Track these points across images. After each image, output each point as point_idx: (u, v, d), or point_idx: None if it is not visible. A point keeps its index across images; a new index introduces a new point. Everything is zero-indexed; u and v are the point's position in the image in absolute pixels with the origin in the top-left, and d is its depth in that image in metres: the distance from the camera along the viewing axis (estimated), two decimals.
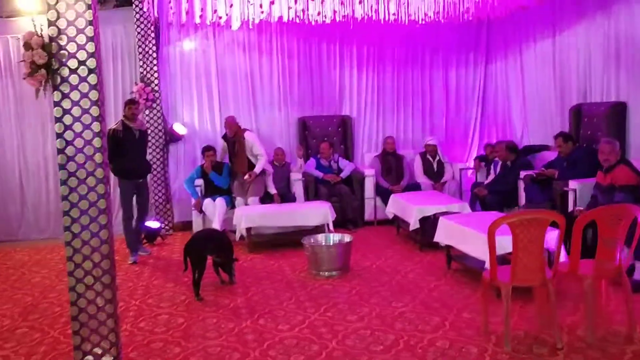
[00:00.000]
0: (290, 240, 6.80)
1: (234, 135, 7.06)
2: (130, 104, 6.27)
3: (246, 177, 6.90)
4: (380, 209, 7.87)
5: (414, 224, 6.21)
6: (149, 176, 6.86)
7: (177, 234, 7.77)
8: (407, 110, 8.65)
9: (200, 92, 8.09)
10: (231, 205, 7.33)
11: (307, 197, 7.74)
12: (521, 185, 6.59)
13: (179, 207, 8.00)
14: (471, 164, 8.45)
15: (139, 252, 6.56)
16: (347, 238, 5.76)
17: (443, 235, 5.40)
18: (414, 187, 7.98)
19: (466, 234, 4.89)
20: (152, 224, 7.30)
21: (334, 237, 5.85)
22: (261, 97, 8.30)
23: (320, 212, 6.64)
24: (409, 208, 6.41)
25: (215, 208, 6.95)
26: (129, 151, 6.16)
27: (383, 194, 7.89)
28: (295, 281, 5.38)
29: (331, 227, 6.67)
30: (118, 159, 6.13)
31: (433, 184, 7.98)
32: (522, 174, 6.59)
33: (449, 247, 5.48)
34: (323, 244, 5.72)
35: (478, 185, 7.66)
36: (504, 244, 4.31)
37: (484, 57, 8.64)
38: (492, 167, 7.46)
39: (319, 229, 6.70)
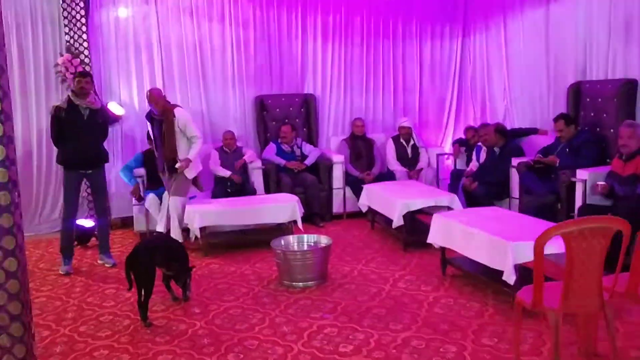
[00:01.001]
0: (251, 240, 5.92)
1: (161, 113, 5.57)
2: (80, 76, 5.22)
3: (179, 165, 5.53)
4: (349, 201, 7.08)
5: (397, 221, 5.44)
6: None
7: (115, 233, 6.70)
8: (377, 88, 7.84)
9: (139, 66, 7.00)
10: None
11: (268, 188, 6.84)
12: (514, 174, 5.92)
13: (116, 200, 6.94)
14: (448, 148, 7.77)
15: (105, 260, 5.51)
16: (324, 240, 4.94)
17: (439, 236, 4.65)
18: (387, 175, 7.22)
19: (473, 236, 4.14)
20: (85, 222, 6.23)
21: (309, 240, 5.01)
22: (212, 72, 7.29)
23: (287, 208, 5.77)
24: (391, 202, 5.63)
25: (160, 205, 5.95)
26: (76, 135, 5.12)
27: (353, 183, 7.10)
28: (264, 295, 4.51)
29: (300, 225, 5.82)
30: (62, 143, 5.16)
31: (408, 172, 7.24)
32: (515, 161, 5.92)
33: (444, 250, 4.74)
34: (296, 249, 4.86)
35: (458, 173, 6.99)
36: (523, 251, 3.62)
37: (460, 29, 7.91)
38: (474, 152, 6.78)
39: (282, 226, 5.87)
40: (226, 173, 6.66)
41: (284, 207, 5.78)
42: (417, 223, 5.86)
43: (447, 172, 7.48)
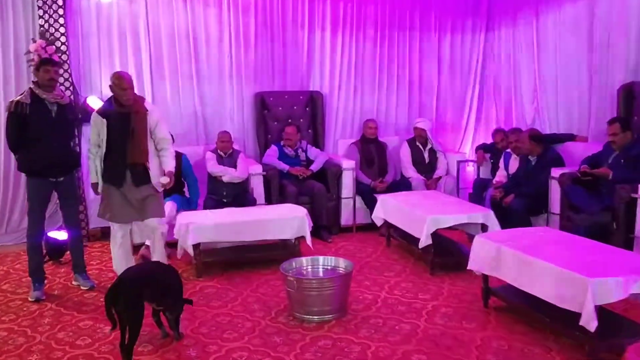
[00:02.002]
0: (252, 258, 5.18)
1: (130, 105, 4.32)
2: (46, 64, 4.37)
3: (163, 179, 4.37)
4: (360, 212, 6.37)
5: (425, 240, 4.72)
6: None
7: (93, 246, 5.95)
8: (390, 86, 7.13)
9: (124, 56, 6.23)
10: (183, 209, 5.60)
11: (269, 197, 6.11)
12: (554, 187, 5.24)
13: (95, 209, 6.11)
14: (469, 154, 7.08)
15: (81, 282, 4.73)
16: (343, 264, 4.21)
17: (483, 262, 3.94)
18: (401, 184, 6.52)
19: (533, 267, 3.44)
20: (57, 234, 5.44)
21: (325, 263, 4.28)
22: (207, 65, 6.53)
23: (294, 221, 5.04)
24: (417, 217, 4.91)
25: None
26: (41, 135, 4.30)
27: (363, 192, 6.39)
28: (273, 331, 3.77)
29: (309, 241, 5.10)
30: (24, 147, 4.33)
31: (425, 181, 6.54)
32: (556, 172, 5.24)
33: (486, 278, 4.04)
34: (311, 274, 4.12)
35: (482, 183, 6.30)
36: (606, 289, 2.94)
37: (483, 23, 7.23)
38: (501, 160, 6.09)
39: (288, 242, 5.17)
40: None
41: (291, 220, 5.04)
42: (444, 242, 5.16)
43: (469, 181, 6.79)
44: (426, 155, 6.77)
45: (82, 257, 4.80)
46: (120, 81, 4.30)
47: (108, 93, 6.02)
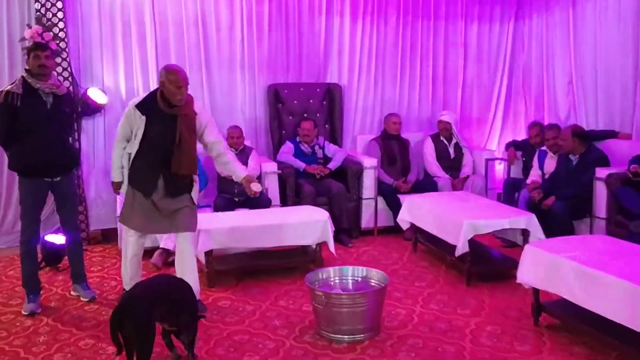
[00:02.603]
0: (269, 266, 4.75)
1: (181, 107, 3.69)
2: (37, 49, 3.89)
3: (255, 187, 3.85)
4: (382, 213, 5.94)
5: (463, 247, 4.29)
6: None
7: (94, 250, 5.52)
8: (413, 78, 6.68)
9: (128, 44, 5.78)
10: None
11: (284, 198, 5.68)
12: (599, 188, 4.81)
13: (96, 209, 5.74)
14: (497, 151, 6.64)
15: (80, 292, 4.29)
16: (375, 275, 3.77)
17: (537, 275, 3.51)
18: (425, 183, 6.09)
19: (599, 282, 3.01)
20: (55, 238, 5.00)
21: (355, 274, 3.84)
22: (217, 54, 6.08)
23: (316, 226, 4.61)
24: (452, 221, 4.48)
25: None
26: (35, 130, 3.84)
27: (385, 192, 5.95)
28: (300, 354, 3.34)
29: (332, 247, 4.67)
30: (16, 142, 3.88)
31: (452, 180, 6.11)
32: (602, 172, 4.81)
33: (536, 292, 3.60)
34: (339, 288, 3.69)
35: (513, 182, 5.87)
36: None
37: (513, 10, 6.77)
38: (535, 159, 5.64)
39: (308, 247, 4.75)
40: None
41: (312, 224, 4.61)
42: (480, 248, 4.73)
43: (498, 180, 6.37)
44: (451, 150, 6.34)
45: (81, 265, 4.37)
46: (176, 77, 3.60)
47: (110, 84, 5.73)
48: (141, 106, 3.71)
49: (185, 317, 3.03)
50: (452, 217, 4.50)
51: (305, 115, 6.21)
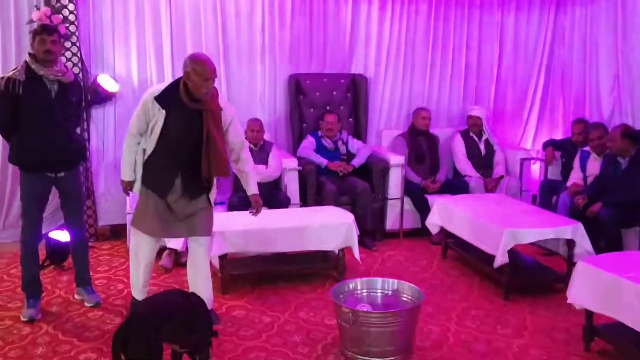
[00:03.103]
0: (287, 272, 4.40)
1: (208, 101, 3.34)
2: (42, 33, 3.53)
3: (256, 211, 3.72)
4: (407, 215, 5.56)
5: (501, 258, 3.91)
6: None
7: (101, 247, 5.21)
8: (444, 70, 6.24)
9: (141, 29, 5.42)
10: None
11: (304, 197, 5.32)
12: None
13: (105, 204, 5.42)
14: (532, 150, 6.23)
15: (84, 296, 3.98)
16: (408, 290, 3.41)
17: (591, 296, 3.11)
18: (457, 184, 5.69)
19: None
20: (60, 234, 4.68)
21: (385, 287, 3.48)
22: (235, 42, 5.70)
23: (340, 230, 4.25)
24: (489, 229, 4.10)
25: None
26: (41, 121, 3.52)
27: (413, 192, 5.57)
28: None
29: (356, 254, 4.32)
30: (17, 134, 3.56)
31: (484, 180, 5.70)
32: None
33: (590, 315, 3.22)
34: (368, 305, 3.32)
35: (550, 185, 5.47)
36: None
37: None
38: (576, 159, 5.22)
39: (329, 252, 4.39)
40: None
41: (336, 228, 4.26)
42: (519, 258, 4.34)
43: (533, 182, 5.96)
44: (482, 147, 5.94)
45: (86, 267, 4.05)
46: (203, 68, 3.22)
47: (122, 72, 5.39)
48: (161, 98, 3.29)
49: (197, 338, 2.68)
50: (491, 224, 4.11)
51: (328, 107, 5.83)
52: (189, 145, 3.33)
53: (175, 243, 4.50)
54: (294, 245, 4.19)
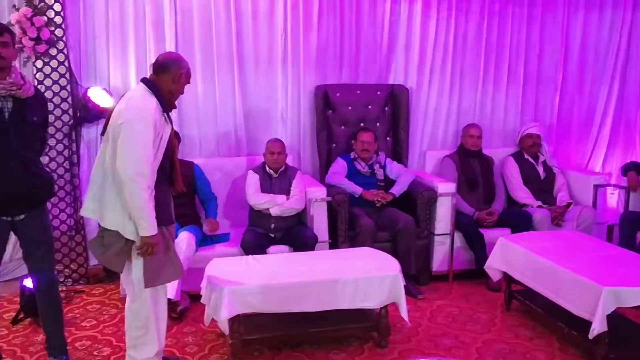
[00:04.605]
0: (315, 335, 3.52)
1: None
2: None
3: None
4: (458, 253, 4.68)
5: (600, 325, 2.98)
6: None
7: (92, 293, 4.43)
8: (499, 81, 5.36)
9: (141, 34, 4.65)
10: (200, 244, 4.19)
11: (334, 234, 4.45)
12: None
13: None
14: (612, 177, 5.31)
15: None
16: None
17: None
18: (517, 216, 4.77)
19: None
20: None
21: None
22: (252, 49, 4.89)
23: (385, 282, 3.37)
24: (580, 285, 3.18)
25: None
26: None
27: (464, 226, 4.69)
28: None
29: (404, 313, 3.43)
30: None
31: (550, 212, 4.78)
32: None
33: None
34: None
35: (635, 217, 4.55)
36: None
37: None
38: None
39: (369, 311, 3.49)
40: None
41: (379, 281, 3.37)
42: (621, 323, 3.39)
43: (609, 213, 5.02)
44: (540, 170, 5.07)
45: (59, 328, 3.20)
46: (189, 69, 2.96)
47: (117, 84, 4.62)
48: (164, 108, 2.82)
49: None
50: (581, 278, 3.19)
51: (362, 124, 4.99)
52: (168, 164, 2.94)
53: (170, 291, 3.66)
54: (325, 303, 3.30)
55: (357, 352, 3.44)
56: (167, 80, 2.83)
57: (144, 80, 2.86)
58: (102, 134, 2.90)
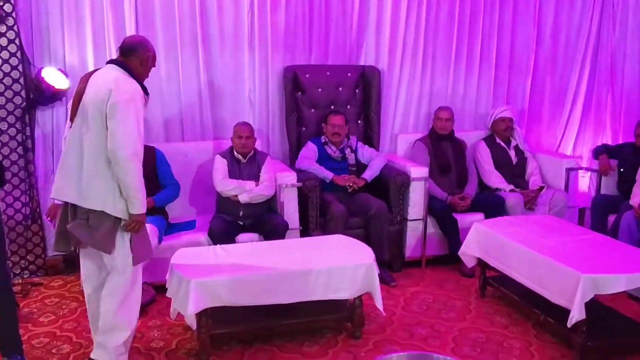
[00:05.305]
0: (287, 327, 3.40)
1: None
2: None
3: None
4: (431, 239, 4.61)
5: (578, 313, 2.94)
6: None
7: (50, 285, 4.23)
8: (471, 62, 5.27)
9: (99, 11, 4.38)
10: (165, 232, 4.02)
11: (305, 219, 4.33)
12: None
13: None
14: (583, 160, 5.30)
15: None
16: None
17: None
18: (490, 200, 4.72)
19: None
20: None
21: None
22: (217, 28, 4.68)
23: (359, 272, 3.27)
24: (558, 272, 3.13)
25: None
26: None
27: (437, 211, 4.62)
28: None
29: (379, 303, 3.34)
30: None
31: (523, 196, 4.74)
32: None
33: None
34: None
35: (605, 201, 4.57)
36: None
37: None
38: None
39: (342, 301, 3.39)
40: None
41: (353, 270, 3.26)
42: (599, 311, 3.36)
43: (580, 197, 5.01)
44: (512, 154, 5.03)
45: (13, 323, 3.00)
46: (154, 51, 3.00)
47: (74, 64, 4.37)
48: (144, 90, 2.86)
49: None
50: (559, 265, 3.13)
51: (333, 107, 4.86)
52: None
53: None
54: (297, 295, 3.18)
55: (331, 344, 3.34)
56: (135, 62, 2.83)
57: (117, 62, 2.82)
58: (71, 119, 2.80)
